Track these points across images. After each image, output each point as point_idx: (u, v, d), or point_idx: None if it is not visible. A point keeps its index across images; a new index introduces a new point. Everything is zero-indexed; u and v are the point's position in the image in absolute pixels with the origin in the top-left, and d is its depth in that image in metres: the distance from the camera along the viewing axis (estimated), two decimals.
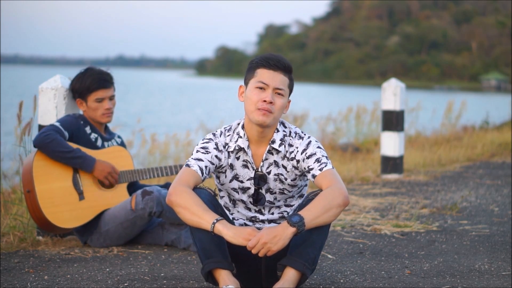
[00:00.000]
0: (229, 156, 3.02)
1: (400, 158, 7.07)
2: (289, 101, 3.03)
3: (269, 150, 3.00)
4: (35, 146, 3.81)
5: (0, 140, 4.54)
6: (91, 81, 3.98)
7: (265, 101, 2.88)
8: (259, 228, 3.07)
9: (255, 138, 2.99)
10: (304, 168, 2.96)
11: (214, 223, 2.73)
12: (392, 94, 6.95)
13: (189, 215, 2.78)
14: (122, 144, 4.20)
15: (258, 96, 2.90)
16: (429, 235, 4.39)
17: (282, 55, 3.00)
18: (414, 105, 12.34)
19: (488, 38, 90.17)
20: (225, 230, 2.72)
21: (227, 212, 3.13)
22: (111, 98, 4.04)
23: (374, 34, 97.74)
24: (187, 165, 2.93)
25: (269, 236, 2.68)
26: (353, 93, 43.02)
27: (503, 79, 78.06)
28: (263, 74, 2.91)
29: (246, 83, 2.98)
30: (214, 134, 3.03)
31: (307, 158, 2.94)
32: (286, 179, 3.02)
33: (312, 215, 2.74)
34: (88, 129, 3.99)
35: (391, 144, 7.00)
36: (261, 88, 2.90)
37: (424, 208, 5.31)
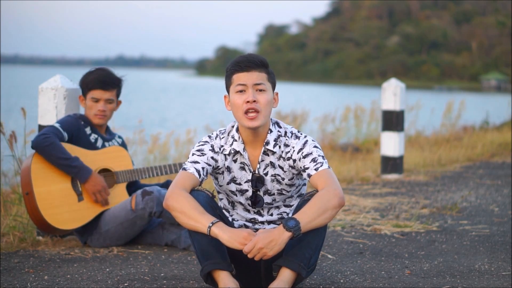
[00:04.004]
0: (225, 159, 3.01)
1: (400, 158, 7.07)
2: (277, 94, 3.02)
3: (264, 152, 3.00)
4: (33, 148, 3.80)
5: (0, 141, 4.52)
6: (92, 79, 3.99)
7: (248, 101, 2.88)
8: (257, 229, 3.07)
9: (249, 140, 2.99)
10: (300, 167, 2.95)
11: (210, 227, 2.73)
12: (392, 94, 6.95)
13: (185, 219, 2.78)
14: (122, 144, 4.20)
15: (240, 99, 2.90)
16: (429, 235, 4.39)
17: (256, 54, 3.00)
18: (413, 104, 12.34)
19: (488, 38, 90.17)
20: (221, 233, 2.72)
21: (226, 214, 3.13)
22: (110, 101, 4.01)
23: (374, 34, 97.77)
24: (184, 169, 2.93)
25: (265, 241, 2.67)
26: (353, 93, 43.00)
27: (503, 79, 78.04)
28: (239, 77, 2.92)
29: (228, 92, 2.99)
30: (209, 137, 3.04)
31: (303, 157, 2.94)
32: (283, 179, 3.02)
33: (307, 218, 2.73)
34: (88, 130, 3.99)
35: (391, 144, 7.00)
36: (241, 91, 2.91)
37: (424, 208, 5.31)
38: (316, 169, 2.89)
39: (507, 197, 5.94)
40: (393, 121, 6.97)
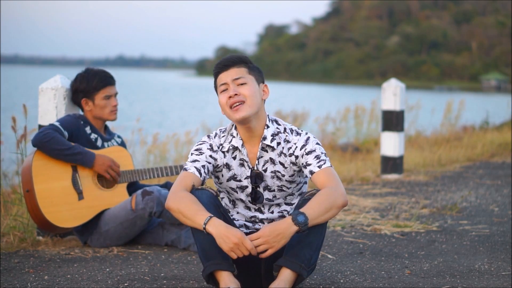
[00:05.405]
0: (224, 156, 3.03)
1: (400, 158, 7.07)
2: (265, 85, 3.06)
3: (262, 148, 3.01)
4: (34, 146, 3.80)
5: (0, 140, 4.53)
6: (98, 79, 4.00)
7: (230, 96, 2.93)
8: (258, 229, 3.08)
9: (246, 137, 3.02)
10: (302, 164, 2.97)
11: (204, 226, 2.73)
12: (392, 94, 6.95)
13: (184, 218, 2.81)
14: (122, 144, 4.20)
15: (224, 97, 2.96)
16: (429, 235, 4.39)
17: (236, 54, 3.06)
18: (413, 104, 12.35)
19: (488, 38, 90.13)
20: (213, 232, 2.70)
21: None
22: (116, 94, 4.08)
23: (374, 34, 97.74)
24: (184, 169, 2.95)
25: (273, 234, 2.68)
26: (353, 93, 42.99)
27: (503, 79, 77.99)
28: (220, 78, 2.99)
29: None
30: (208, 136, 3.07)
31: (306, 154, 2.96)
32: (283, 175, 3.03)
33: (315, 214, 2.75)
34: (88, 129, 4.00)
35: (391, 144, 7.00)
36: (224, 90, 2.97)
37: (424, 208, 5.31)
38: (319, 167, 2.91)
39: (507, 197, 5.94)
40: (393, 121, 6.97)
